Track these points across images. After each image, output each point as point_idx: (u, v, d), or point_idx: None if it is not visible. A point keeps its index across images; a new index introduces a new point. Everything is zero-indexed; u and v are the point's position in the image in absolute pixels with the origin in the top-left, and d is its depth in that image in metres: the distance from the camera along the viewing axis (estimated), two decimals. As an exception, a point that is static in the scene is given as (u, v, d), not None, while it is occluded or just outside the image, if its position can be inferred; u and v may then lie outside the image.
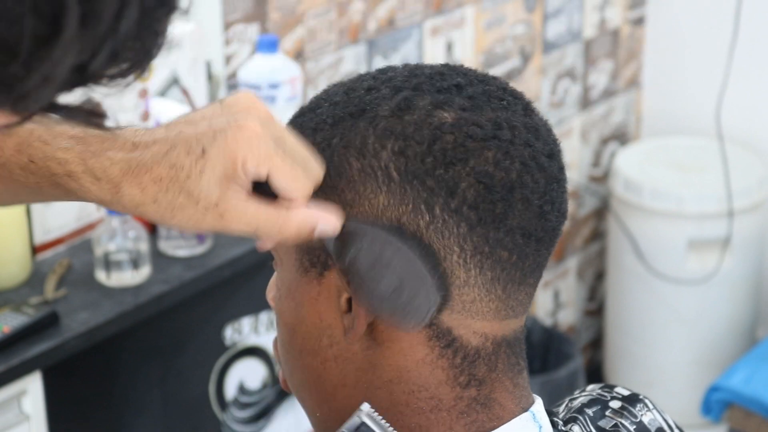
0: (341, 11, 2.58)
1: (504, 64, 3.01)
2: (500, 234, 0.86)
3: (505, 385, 0.91)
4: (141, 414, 2.11)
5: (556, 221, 0.90)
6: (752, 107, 3.26)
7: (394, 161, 0.86)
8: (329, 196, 0.87)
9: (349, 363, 0.89)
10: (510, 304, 0.89)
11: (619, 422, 0.96)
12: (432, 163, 0.85)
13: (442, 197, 0.85)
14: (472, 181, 0.85)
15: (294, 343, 0.92)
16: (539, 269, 0.90)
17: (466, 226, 0.85)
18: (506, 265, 0.87)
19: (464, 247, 0.86)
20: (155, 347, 2.10)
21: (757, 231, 3.19)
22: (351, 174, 0.86)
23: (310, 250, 0.89)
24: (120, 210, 0.86)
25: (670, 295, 3.15)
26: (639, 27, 3.38)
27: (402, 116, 0.87)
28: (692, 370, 3.20)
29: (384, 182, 0.86)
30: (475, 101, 0.88)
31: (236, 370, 2.20)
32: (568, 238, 3.39)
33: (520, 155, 0.87)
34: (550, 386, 2.91)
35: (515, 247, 0.87)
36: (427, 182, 0.85)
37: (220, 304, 2.15)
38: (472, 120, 0.87)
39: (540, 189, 0.88)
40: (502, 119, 0.88)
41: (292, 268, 0.90)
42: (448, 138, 0.86)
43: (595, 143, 3.38)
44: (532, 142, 0.88)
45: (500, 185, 0.86)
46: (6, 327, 1.80)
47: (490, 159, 0.86)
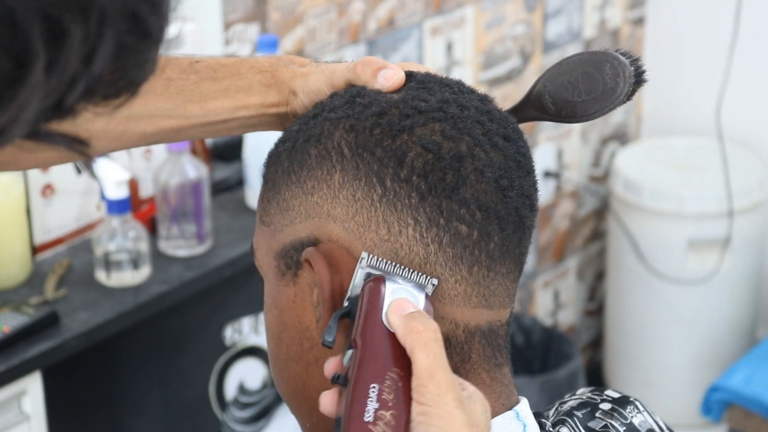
0: (341, 11, 2.58)
1: (504, 64, 3.01)
2: (453, 204, 0.86)
3: (481, 378, 0.90)
4: (141, 414, 2.11)
5: (519, 202, 0.89)
6: (752, 107, 3.26)
7: (345, 138, 0.88)
8: (294, 191, 0.90)
9: None
10: (481, 292, 0.88)
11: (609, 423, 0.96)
12: (379, 134, 0.87)
13: (392, 167, 0.86)
14: (420, 150, 0.87)
15: (280, 353, 0.93)
16: (510, 257, 0.89)
17: (417, 195, 0.86)
18: (468, 243, 0.87)
19: (418, 219, 0.86)
20: (155, 347, 2.10)
21: (757, 231, 3.19)
22: (310, 162, 0.89)
23: (284, 253, 0.90)
24: None
25: (670, 295, 3.15)
26: (639, 27, 3.38)
27: (354, 102, 0.90)
28: (692, 370, 3.20)
29: (338, 160, 0.88)
30: (426, 85, 0.92)
31: (236, 370, 2.20)
32: (568, 238, 3.39)
33: (469, 131, 0.88)
34: (550, 386, 2.91)
35: (474, 222, 0.87)
36: (376, 153, 0.87)
37: (220, 304, 2.15)
38: (419, 96, 0.90)
39: (495, 164, 0.88)
40: (451, 99, 0.90)
41: (273, 276, 0.92)
42: (394, 111, 0.89)
43: (595, 143, 3.38)
44: (485, 123, 0.90)
45: (449, 155, 0.87)
46: (6, 327, 1.80)
47: (437, 129, 0.88)
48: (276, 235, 0.91)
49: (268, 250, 0.93)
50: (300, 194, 0.89)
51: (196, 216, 2.05)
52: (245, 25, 2.41)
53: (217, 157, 2.31)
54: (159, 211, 2.07)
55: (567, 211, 3.36)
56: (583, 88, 0.96)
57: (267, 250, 0.93)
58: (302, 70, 0.99)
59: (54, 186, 2.04)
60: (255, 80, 1.00)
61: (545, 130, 3.19)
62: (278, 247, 0.91)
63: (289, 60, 1.01)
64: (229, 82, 1.01)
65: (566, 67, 0.96)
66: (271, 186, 0.92)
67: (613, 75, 0.94)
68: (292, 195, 0.90)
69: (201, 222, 2.06)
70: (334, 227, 0.87)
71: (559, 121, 0.98)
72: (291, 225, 0.90)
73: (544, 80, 0.98)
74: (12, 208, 1.96)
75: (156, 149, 2.16)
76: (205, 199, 2.07)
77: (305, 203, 0.89)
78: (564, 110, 0.96)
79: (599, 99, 0.95)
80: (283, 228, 0.91)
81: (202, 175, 2.06)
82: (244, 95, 1.00)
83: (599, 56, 0.95)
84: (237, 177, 2.26)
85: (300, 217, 0.89)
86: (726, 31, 3.15)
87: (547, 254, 3.34)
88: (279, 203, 0.91)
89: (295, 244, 0.89)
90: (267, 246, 0.93)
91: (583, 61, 0.96)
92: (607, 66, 0.95)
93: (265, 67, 1.01)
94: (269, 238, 0.92)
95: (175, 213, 2.05)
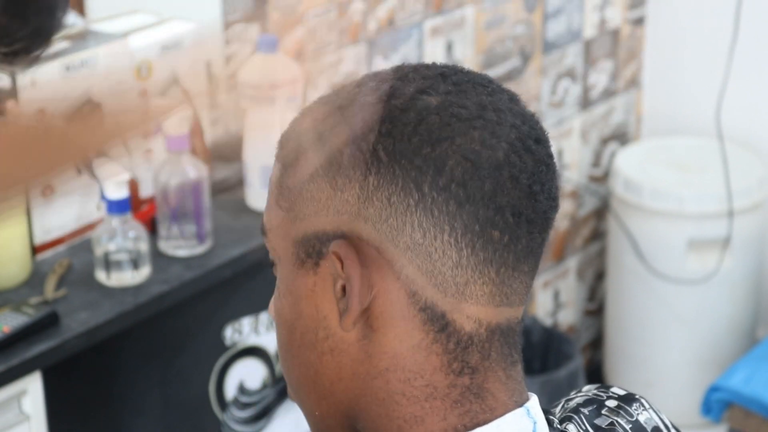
0: (341, 11, 2.58)
1: (504, 64, 3.01)
2: (490, 212, 0.87)
3: (498, 375, 0.91)
4: (141, 414, 2.11)
5: (547, 204, 0.90)
6: (752, 107, 3.26)
7: (381, 143, 0.88)
8: (320, 184, 0.89)
9: (344, 355, 0.90)
10: (504, 291, 0.90)
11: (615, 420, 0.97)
12: (418, 142, 0.87)
13: (430, 175, 0.87)
14: (459, 159, 0.87)
15: (293, 340, 0.93)
16: (533, 256, 0.91)
17: (455, 203, 0.87)
18: (498, 246, 0.88)
19: (454, 225, 0.87)
20: (155, 347, 2.10)
21: (757, 231, 3.19)
22: (341, 160, 0.89)
23: (305, 241, 0.90)
24: None
25: (670, 295, 3.15)
26: (639, 27, 3.38)
27: (388, 101, 0.89)
28: (692, 370, 3.20)
29: (373, 164, 0.88)
30: (460, 87, 0.91)
31: (236, 370, 2.20)
32: (568, 238, 3.39)
33: (506, 136, 0.89)
34: (550, 386, 2.91)
35: (506, 227, 0.88)
36: (414, 161, 0.87)
37: (220, 304, 2.15)
38: (457, 102, 0.90)
39: (528, 169, 0.89)
40: (487, 102, 0.90)
41: (289, 263, 0.92)
42: (433, 119, 0.88)
43: (595, 143, 3.38)
44: (519, 126, 0.90)
45: (487, 163, 0.87)
46: (6, 327, 1.80)
47: (476, 138, 0.88)
48: (296, 223, 0.91)
49: (285, 236, 0.92)
50: (328, 188, 0.89)
51: (196, 216, 2.05)
52: (245, 25, 2.40)
53: (217, 157, 2.31)
54: (159, 211, 2.07)
55: (567, 211, 3.36)
56: None
57: (284, 235, 0.92)
58: None
59: (54, 186, 2.04)
60: None
61: (545, 130, 3.19)
62: (298, 235, 0.91)
63: None
64: None
65: None
66: (291, 172, 0.92)
67: None
68: (318, 188, 0.90)
69: (201, 222, 2.06)
70: (365, 227, 0.88)
71: None
72: (315, 216, 0.90)
73: None
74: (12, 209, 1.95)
75: (156, 149, 2.16)
76: (205, 199, 2.07)
77: (334, 198, 0.89)
78: None
79: None
80: (306, 217, 0.90)
81: (202, 175, 2.06)
82: None
83: None
84: (237, 177, 2.26)
85: (327, 210, 0.89)
86: (726, 31, 3.14)
87: (547, 254, 3.34)
88: (302, 192, 0.91)
89: (319, 235, 0.90)
90: (284, 231, 0.92)
91: None
92: None
93: None
94: (287, 223, 0.92)
95: (175, 213, 2.05)
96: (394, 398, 0.89)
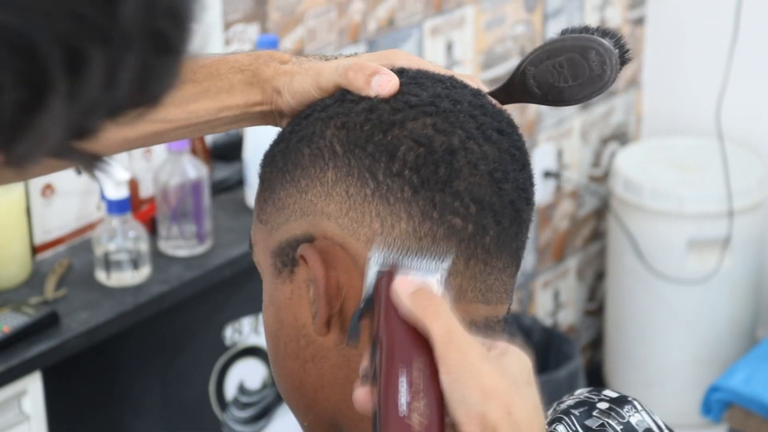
0: (341, 11, 2.58)
1: (504, 64, 3.01)
2: (446, 197, 0.86)
3: None
4: (141, 414, 2.11)
5: (514, 194, 0.88)
6: (752, 107, 3.26)
7: (336, 135, 0.88)
8: (288, 190, 0.90)
9: (324, 361, 0.90)
10: (477, 286, 0.88)
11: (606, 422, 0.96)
12: (370, 129, 0.87)
13: (383, 162, 0.86)
14: (411, 144, 0.86)
15: (278, 351, 0.93)
16: (507, 251, 0.89)
17: (410, 189, 0.85)
18: (463, 236, 0.86)
19: (411, 212, 0.85)
20: (155, 347, 2.10)
21: (757, 231, 3.19)
22: (303, 162, 0.89)
23: (280, 251, 0.91)
24: None
25: (670, 295, 3.15)
26: (639, 27, 3.38)
27: (344, 99, 0.90)
28: (692, 370, 3.20)
29: (330, 158, 0.88)
30: (417, 80, 0.92)
31: (236, 370, 2.20)
32: (568, 238, 3.39)
33: (462, 125, 0.88)
34: (550, 386, 2.91)
35: (469, 215, 0.86)
36: (367, 149, 0.87)
37: (220, 304, 2.15)
38: (410, 92, 0.90)
39: (489, 157, 0.88)
40: (443, 94, 0.90)
41: (269, 274, 0.93)
42: (384, 106, 0.88)
43: (595, 143, 3.38)
44: (478, 116, 0.89)
45: (441, 149, 0.86)
46: (6, 327, 1.80)
47: (428, 123, 0.87)
48: (272, 234, 0.92)
49: (265, 248, 0.93)
50: (294, 193, 0.89)
51: (196, 216, 2.05)
52: (245, 25, 2.40)
53: (217, 157, 2.31)
54: (159, 211, 2.07)
55: (567, 211, 3.36)
56: (569, 73, 0.95)
57: (264, 248, 0.93)
58: (284, 67, 0.98)
59: (54, 186, 2.04)
60: (236, 80, 0.99)
61: (545, 130, 3.19)
62: (274, 245, 0.91)
63: (269, 56, 1.00)
64: (210, 83, 0.99)
65: (550, 52, 0.96)
66: (267, 186, 0.93)
67: (599, 62, 0.94)
68: (287, 194, 0.90)
69: (201, 222, 2.06)
70: (328, 224, 0.87)
71: (544, 104, 0.98)
72: (287, 223, 0.90)
73: (527, 63, 0.98)
74: (12, 208, 1.96)
75: (156, 149, 2.16)
76: (205, 199, 2.07)
77: (300, 201, 0.89)
78: (550, 95, 0.96)
79: (586, 85, 0.95)
80: (279, 226, 0.91)
81: (202, 175, 2.06)
82: (226, 96, 0.99)
83: (584, 42, 0.95)
84: (237, 177, 2.26)
85: (295, 215, 0.89)
86: (726, 31, 3.15)
87: (547, 254, 3.34)
88: (275, 202, 0.91)
89: (291, 242, 0.90)
90: (264, 244, 0.93)
91: (567, 47, 0.95)
92: (593, 53, 0.94)
93: (245, 65, 1.00)
94: (266, 236, 0.92)
95: (175, 213, 2.05)
96: None
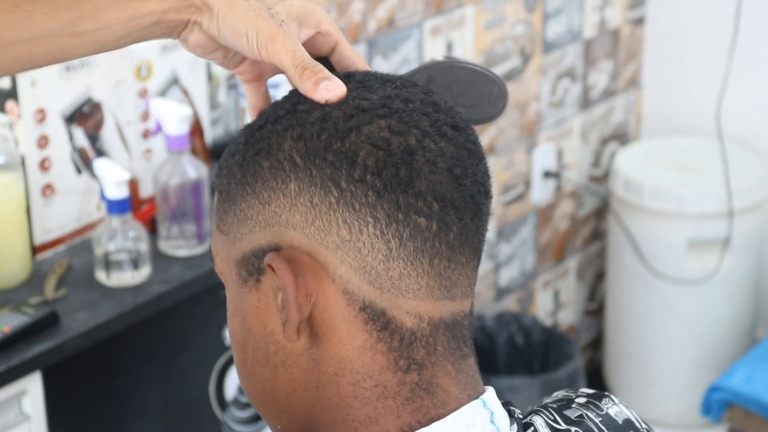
0: (341, 11, 2.58)
1: (504, 64, 3.01)
2: (410, 198, 0.87)
3: (446, 369, 0.91)
4: (141, 414, 2.11)
5: (473, 188, 0.90)
6: (752, 107, 3.26)
7: (295, 147, 0.88)
8: (250, 202, 0.90)
9: (295, 366, 0.91)
10: (443, 283, 0.89)
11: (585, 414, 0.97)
12: (327, 138, 0.88)
13: (345, 169, 0.87)
14: (370, 148, 0.87)
15: (246, 359, 0.95)
16: (469, 246, 0.90)
17: (374, 193, 0.87)
18: (428, 235, 0.88)
19: (377, 216, 0.87)
20: (155, 347, 2.10)
21: (757, 231, 3.19)
22: (263, 174, 0.89)
23: (245, 260, 0.92)
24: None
25: (670, 295, 3.16)
26: (639, 27, 3.38)
27: (295, 110, 0.91)
28: (692, 370, 3.20)
29: (291, 170, 0.88)
30: (364, 84, 0.92)
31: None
32: (568, 238, 3.39)
33: (417, 123, 0.89)
34: (550, 386, 2.91)
35: (432, 214, 0.87)
36: (327, 158, 0.87)
37: (220, 304, 2.14)
38: (359, 96, 0.90)
39: (446, 154, 0.89)
40: (394, 94, 0.91)
41: (234, 283, 0.94)
42: (336, 113, 0.89)
43: (595, 143, 3.38)
44: (431, 114, 0.90)
45: (399, 150, 0.87)
46: (6, 327, 1.80)
47: (383, 125, 0.88)
48: (235, 244, 0.92)
49: (228, 258, 0.94)
50: (257, 204, 0.90)
51: (196, 216, 2.05)
52: (245, 25, 2.40)
53: (217, 157, 2.31)
54: (159, 211, 2.07)
55: (567, 211, 3.36)
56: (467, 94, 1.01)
57: (227, 258, 0.94)
58: None
59: (54, 186, 2.04)
60: None
61: (545, 130, 3.19)
62: (238, 255, 0.92)
63: None
64: None
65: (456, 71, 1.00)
66: (226, 197, 0.93)
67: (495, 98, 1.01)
68: (249, 205, 0.91)
69: (201, 222, 2.06)
70: (294, 234, 0.88)
71: None
72: (250, 233, 0.91)
73: (431, 71, 1.01)
74: (12, 208, 1.96)
75: (156, 149, 2.16)
76: (205, 199, 2.07)
77: (263, 212, 0.90)
78: None
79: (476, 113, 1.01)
80: (242, 237, 0.92)
81: (202, 175, 2.06)
82: (138, 2, 0.94)
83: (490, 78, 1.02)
84: (237, 177, 2.25)
85: (259, 226, 0.90)
86: (726, 31, 3.15)
87: (547, 254, 3.34)
88: (236, 213, 0.92)
89: (256, 252, 0.91)
90: (226, 254, 0.94)
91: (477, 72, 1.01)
92: (495, 88, 1.01)
93: None
94: (228, 246, 0.93)
95: (175, 213, 2.05)
96: (347, 402, 0.89)
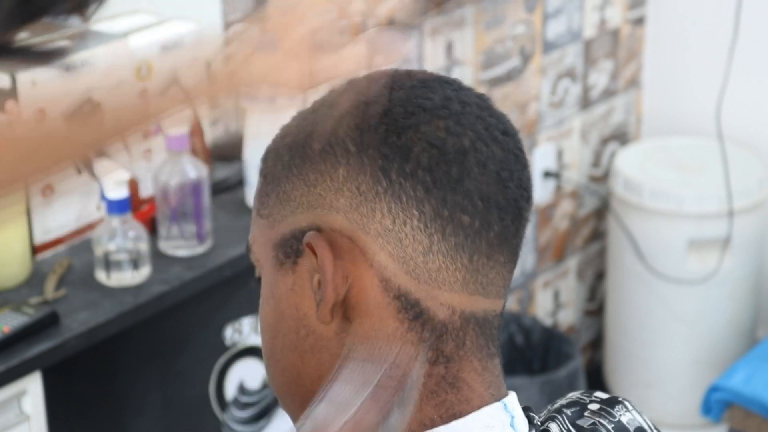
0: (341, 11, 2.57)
1: (504, 64, 3.01)
2: (458, 197, 0.89)
3: (473, 365, 0.92)
4: (141, 414, 2.11)
5: (517, 192, 0.92)
6: (752, 107, 3.26)
7: (350, 135, 0.90)
8: (295, 183, 0.92)
9: (324, 351, 0.91)
10: (479, 279, 0.91)
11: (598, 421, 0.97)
12: (384, 132, 0.90)
13: (397, 162, 0.89)
14: (425, 146, 0.89)
15: (275, 345, 0.95)
16: (508, 246, 0.92)
17: (423, 188, 0.89)
18: (469, 232, 0.90)
19: (423, 210, 0.89)
20: (155, 347, 2.10)
21: (757, 231, 3.19)
22: (313, 156, 0.91)
23: (284, 242, 0.92)
24: None
25: (670, 295, 3.15)
26: (639, 27, 3.38)
27: (356, 99, 0.93)
28: (692, 370, 3.20)
29: (342, 156, 0.90)
30: (426, 83, 0.94)
31: (236, 370, 2.20)
32: (568, 238, 3.39)
33: (472, 126, 0.91)
34: (550, 386, 2.91)
35: (476, 212, 0.89)
36: (381, 150, 0.89)
37: (220, 304, 2.15)
38: (422, 95, 0.92)
39: (496, 157, 0.91)
40: (453, 96, 0.93)
41: (271, 267, 0.94)
42: (398, 110, 0.91)
43: (595, 143, 3.38)
44: (485, 118, 0.93)
45: (453, 150, 0.90)
46: (6, 327, 1.80)
47: (441, 126, 0.90)
48: (274, 226, 0.93)
49: (266, 242, 0.94)
50: (301, 186, 0.92)
51: (196, 216, 2.05)
52: (245, 25, 2.40)
53: (217, 157, 2.31)
54: (159, 211, 2.07)
55: (567, 211, 3.36)
56: None
57: (264, 242, 0.95)
58: None
59: (54, 186, 2.04)
60: None
61: (545, 130, 3.19)
62: (277, 238, 0.93)
63: None
64: None
65: None
66: (270, 180, 0.95)
67: None
68: (293, 187, 0.92)
69: (201, 222, 2.06)
70: (336, 217, 0.90)
71: None
72: (292, 215, 0.92)
73: None
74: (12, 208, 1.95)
75: (156, 149, 2.16)
76: (205, 199, 2.07)
77: (307, 194, 0.91)
78: None
79: None
80: (283, 219, 0.93)
81: (202, 175, 2.06)
82: None
83: None
84: (237, 177, 2.26)
85: (301, 207, 0.91)
86: (726, 31, 3.15)
87: (547, 254, 3.34)
88: (279, 195, 0.93)
89: (296, 233, 0.92)
90: (264, 238, 0.95)
91: None
92: None
93: None
94: (267, 229, 0.94)
95: (175, 213, 2.05)
96: None
